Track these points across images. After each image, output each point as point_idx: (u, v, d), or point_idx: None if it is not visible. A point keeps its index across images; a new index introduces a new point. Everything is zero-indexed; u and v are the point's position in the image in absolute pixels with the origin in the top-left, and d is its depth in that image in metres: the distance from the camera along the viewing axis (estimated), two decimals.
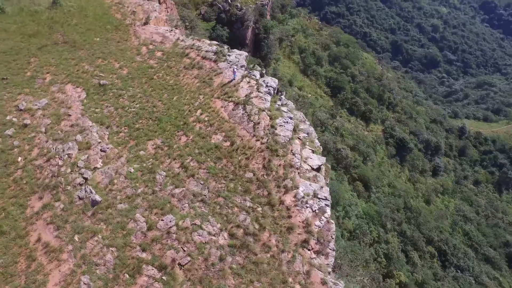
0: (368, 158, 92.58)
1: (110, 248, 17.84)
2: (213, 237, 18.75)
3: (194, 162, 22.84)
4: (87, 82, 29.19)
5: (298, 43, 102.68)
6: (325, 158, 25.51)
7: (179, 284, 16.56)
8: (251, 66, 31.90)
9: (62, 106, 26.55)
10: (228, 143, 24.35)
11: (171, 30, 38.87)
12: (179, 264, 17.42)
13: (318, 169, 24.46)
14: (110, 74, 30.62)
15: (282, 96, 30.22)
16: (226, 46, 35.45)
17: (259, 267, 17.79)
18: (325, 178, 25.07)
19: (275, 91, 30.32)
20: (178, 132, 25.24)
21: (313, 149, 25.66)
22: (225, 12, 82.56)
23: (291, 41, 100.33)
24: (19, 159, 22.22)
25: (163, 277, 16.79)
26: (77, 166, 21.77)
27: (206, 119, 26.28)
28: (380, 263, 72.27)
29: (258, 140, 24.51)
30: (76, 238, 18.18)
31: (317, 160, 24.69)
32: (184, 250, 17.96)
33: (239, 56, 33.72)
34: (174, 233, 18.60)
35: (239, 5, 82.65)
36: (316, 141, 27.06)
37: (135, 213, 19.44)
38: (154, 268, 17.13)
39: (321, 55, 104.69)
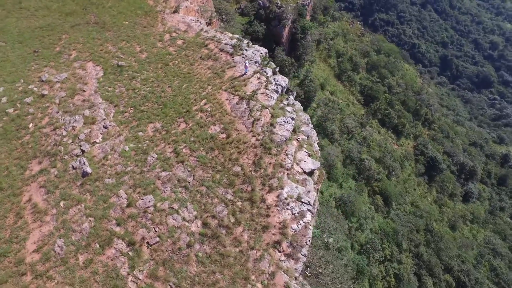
0: (393, 173, 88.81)
1: (89, 218, 18.85)
2: (187, 223, 19.13)
3: (187, 149, 23.35)
4: (107, 62, 30.76)
5: (336, 47, 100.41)
6: (319, 163, 24.96)
7: (142, 262, 17.15)
8: (265, 63, 31.79)
9: (79, 82, 28.24)
10: (224, 135, 24.59)
11: (197, 21, 39.73)
12: (147, 243, 18.01)
13: (310, 173, 23.99)
14: (130, 56, 32.01)
15: (290, 96, 29.88)
16: (246, 41, 35.63)
17: (224, 259, 17.90)
18: (316, 184, 24.58)
19: (284, 90, 30.04)
20: (179, 118, 25.89)
21: (309, 152, 25.18)
22: (264, 9, 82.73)
23: (329, 44, 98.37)
24: (30, 125, 24.03)
25: (130, 253, 17.47)
26: (78, 138, 23.14)
27: (209, 109, 26.68)
28: (389, 282, 69.42)
29: (254, 136, 24.50)
30: (61, 203, 19.40)
31: (311, 164, 24.21)
32: (155, 231, 18.52)
33: (256, 52, 33.75)
34: (150, 213, 19.23)
35: (279, 2, 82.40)
36: (315, 145, 26.53)
37: (119, 189, 20.33)
38: (123, 243, 17.87)
39: (358, 62, 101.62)
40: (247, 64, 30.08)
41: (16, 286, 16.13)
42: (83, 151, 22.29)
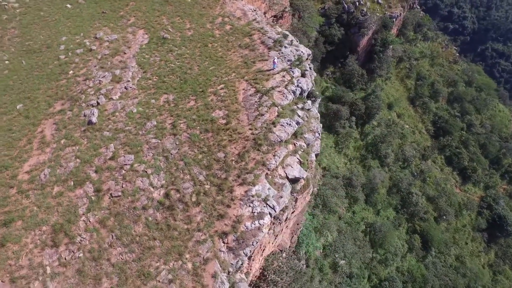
0: (444, 217, 79.56)
1: (77, 159, 21.51)
2: (151, 189, 20.55)
3: (184, 125, 24.69)
4: (155, 32, 33.65)
5: (419, 69, 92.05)
6: (307, 173, 24.10)
7: (99, 208, 19.10)
8: (297, 63, 31.28)
9: (125, 45, 31.55)
10: (224, 121, 25.30)
11: (254, 10, 40.58)
12: (111, 194, 19.92)
13: (294, 180, 23.42)
14: (177, 31, 34.46)
15: (308, 101, 29.08)
16: (290, 38, 35.42)
17: (169, 231, 18.89)
18: (297, 193, 23.90)
19: (305, 94, 29.32)
20: (191, 96, 27.34)
21: (302, 160, 24.48)
22: (347, 14, 79.78)
23: (411, 64, 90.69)
24: (70, 72, 27.90)
25: (93, 197, 19.58)
26: (100, 92, 26.17)
27: (222, 94, 27.58)
28: None
29: (251, 129, 24.70)
30: (62, 141, 22.46)
31: (297, 171, 23.57)
32: (122, 186, 20.33)
33: (294, 51, 33.36)
34: (124, 170, 21.11)
35: (365, 10, 78.61)
36: (312, 155, 25.63)
37: (111, 143, 22.65)
38: (92, 188, 20.07)
39: (440, 90, 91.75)
40: (275, 60, 30.05)
41: (3, 194, 19.42)
42: (98, 103, 25.19)
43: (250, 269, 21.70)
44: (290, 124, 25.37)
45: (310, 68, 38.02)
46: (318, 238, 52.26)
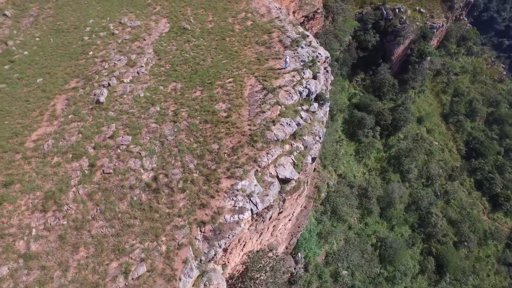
0: (465, 244, 75.11)
1: (79, 134, 22.82)
2: (142, 170, 21.36)
3: (186, 114, 25.33)
4: (177, 22, 34.65)
5: (457, 85, 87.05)
6: (299, 175, 23.83)
7: (89, 182, 20.18)
8: (310, 64, 30.85)
9: (146, 32, 32.80)
10: (225, 114, 25.64)
11: (279, 8, 40.46)
12: (103, 170, 20.96)
13: (284, 181, 23.28)
14: (198, 23, 35.23)
15: (315, 104, 28.62)
16: (309, 39, 34.99)
17: (151, 212, 19.56)
18: (287, 194, 23.72)
19: (312, 96, 28.88)
20: (199, 86, 27.93)
21: (296, 161, 24.24)
22: (385, 20, 77.17)
23: (449, 79, 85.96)
24: (91, 53, 29.51)
25: (86, 171, 20.72)
26: (113, 74, 27.46)
27: (229, 88, 27.91)
28: None
29: (250, 125, 24.83)
30: (69, 116, 23.91)
31: (289, 172, 23.39)
32: (115, 165, 21.31)
33: (311, 52, 32.93)
34: (120, 150, 22.10)
35: (404, 17, 75.59)
36: (309, 158, 25.25)
37: (113, 123, 23.76)
38: (87, 162, 21.23)
39: (479, 109, 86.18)
40: (287, 59, 29.88)
41: (9, 158, 21.10)
42: (109, 84, 26.48)
43: (228, 262, 21.92)
44: (290, 124, 25.20)
45: (327, 71, 37.50)
46: (322, 245, 51.37)
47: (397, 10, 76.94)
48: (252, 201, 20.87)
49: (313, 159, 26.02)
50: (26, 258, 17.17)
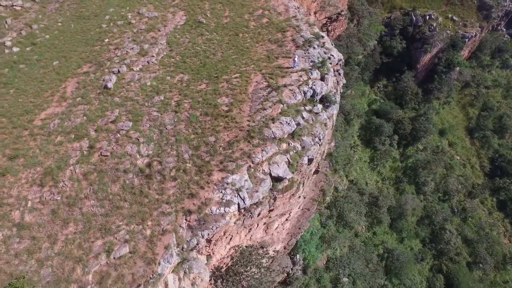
0: (480, 266, 71.73)
1: (84, 117, 23.87)
2: (137, 156, 22.07)
3: (188, 105, 25.85)
4: (193, 16, 35.30)
5: (486, 99, 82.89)
6: (292, 175, 23.74)
7: (86, 162, 21.10)
8: (319, 65, 30.52)
9: (161, 23, 33.66)
10: (226, 108, 25.94)
11: (298, 7, 40.23)
12: (101, 153, 21.84)
13: (276, 179, 23.29)
14: (214, 17, 35.72)
15: (319, 105, 28.29)
16: (323, 40, 34.59)
17: (141, 197, 20.21)
18: (278, 192, 23.67)
19: (317, 97, 28.55)
20: (205, 79, 28.38)
21: (291, 161, 24.16)
22: (414, 26, 74.74)
23: (478, 92, 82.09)
24: (106, 40, 30.67)
25: (85, 152, 21.67)
26: (124, 61, 28.42)
27: (234, 83, 28.18)
28: None
29: (249, 121, 25.01)
30: (78, 99, 25.05)
31: (282, 171, 23.37)
32: (112, 148, 22.14)
33: (323, 53, 32.54)
34: (119, 135, 22.92)
35: (434, 25, 72.89)
36: (305, 159, 25.06)
37: (117, 109, 24.66)
38: (87, 144, 22.21)
39: (509, 125, 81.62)
40: (296, 59, 29.74)
41: (18, 133, 22.44)
42: (119, 71, 27.45)
43: (213, 253, 22.27)
44: (289, 124, 25.13)
45: (339, 73, 37.01)
46: (324, 249, 50.77)
47: (427, 17, 74.30)
48: (240, 196, 21.06)
49: (310, 160, 25.79)
50: (19, 228, 18.27)
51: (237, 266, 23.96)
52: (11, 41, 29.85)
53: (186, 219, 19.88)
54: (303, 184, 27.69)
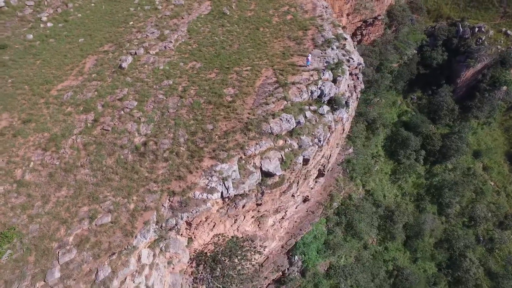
0: None
1: (95, 92, 25.39)
2: (136, 134, 23.14)
3: (194, 92, 26.57)
4: (219, 7, 35.98)
5: None
6: (283, 172, 23.67)
7: (88, 134, 22.49)
8: (332, 66, 29.87)
9: (187, 11, 34.69)
10: (230, 99, 26.34)
11: (326, 7, 39.51)
12: (103, 127, 23.17)
13: (267, 174, 23.36)
14: (239, 10, 36.15)
15: (325, 106, 27.76)
16: (343, 42, 33.77)
17: (131, 172, 21.15)
18: (267, 187, 23.71)
19: (325, 98, 28.02)
20: (216, 69, 28.93)
21: (284, 158, 24.06)
22: (459, 38, 70.33)
23: None
24: (131, 23, 32.20)
25: (89, 124, 23.11)
26: (142, 44, 29.74)
27: (243, 75, 28.46)
28: None
29: (250, 114, 25.23)
30: (93, 75, 26.66)
31: (273, 166, 23.38)
32: (114, 124, 23.39)
33: (341, 56, 31.79)
34: (123, 112, 24.13)
35: (483, 38, 68.10)
36: (300, 158, 24.80)
37: (126, 88, 25.93)
38: (92, 118, 23.64)
39: None
40: (309, 58, 29.38)
41: (35, 101, 24.42)
42: (135, 53, 28.77)
43: (194, 237, 22.87)
44: (288, 121, 25.01)
45: (358, 78, 36.00)
46: (327, 255, 49.80)
47: (476, 29, 69.53)
48: (224, 185, 21.40)
49: (306, 161, 25.49)
50: (19, 184, 19.98)
51: (219, 254, 24.37)
52: (47, 17, 32.35)
53: (169, 200, 20.58)
54: (298, 184, 27.44)
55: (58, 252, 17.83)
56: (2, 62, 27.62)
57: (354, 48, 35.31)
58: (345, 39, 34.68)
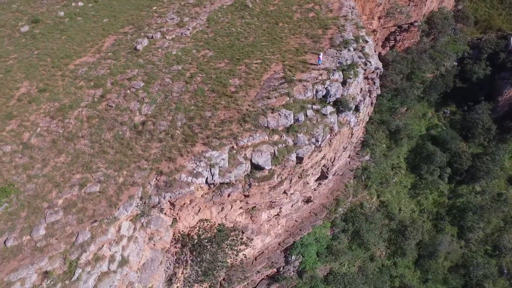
0: None
1: (108, 70, 26.85)
2: (137, 113, 24.23)
3: (200, 79, 27.22)
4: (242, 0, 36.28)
5: None
6: (273, 167, 23.68)
7: (93, 108, 23.92)
8: (344, 67, 29.13)
9: (210, 1, 35.34)
10: (233, 89, 26.69)
11: (353, 8, 38.43)
12: (107, 103, 24.50)
13: (256, 167, 23.51)
14: (262, 3, 36.24)
15: (329, 107, 27.24)
16: (362, 45, 32.73)
17: (126, 148, 22.28)
18: (254, 180, 23.85)
19: (330, 98, 27.48)
20: (226, 59, 29.38)
21: (277, 154, 24.04)
22: (508, 53, 65.26)
23: None
24: (154, 8, 33.57)
25: (96, 99, 24.59)
26: (160, 29, 30.87)
27: (252, 68, 28.64)
28: None
29: (250, 105, 25.46)
30: (109, 54, 28.17)
31: (263, 159, 23.43)
32: (119, 101, 24.65)
33: (357, 58, 30.80)
34: (129, 91, 25.33)
35: None
36: (293, 155, 24.64)
37: (137, 69, 27.14)
38: (100, 92, 25.08)
39: None
40: (320, 56, 28.90)
41: (53, 73, 26.35)
42: (152, 37, 29.94)
43: (179, 218, 23.61)
44: (287, 117, 24.93)
45: (374, 83, 34.88)
46: (328, 260, 48.92)
47: None
48: (211, 171, 21.88)
49: (300, 159, 25.28)
50: (24, 146, 21.79)
51: (205, 240, 24.95)
52: None
53: (156, 178, 21.44)
54: (291, 181, 27.29)
55: (47, 212, 19.28)
56: (33, 35, 30.00)
57: (374, 52, 34.14)
58: (366, 41, 33.62)
